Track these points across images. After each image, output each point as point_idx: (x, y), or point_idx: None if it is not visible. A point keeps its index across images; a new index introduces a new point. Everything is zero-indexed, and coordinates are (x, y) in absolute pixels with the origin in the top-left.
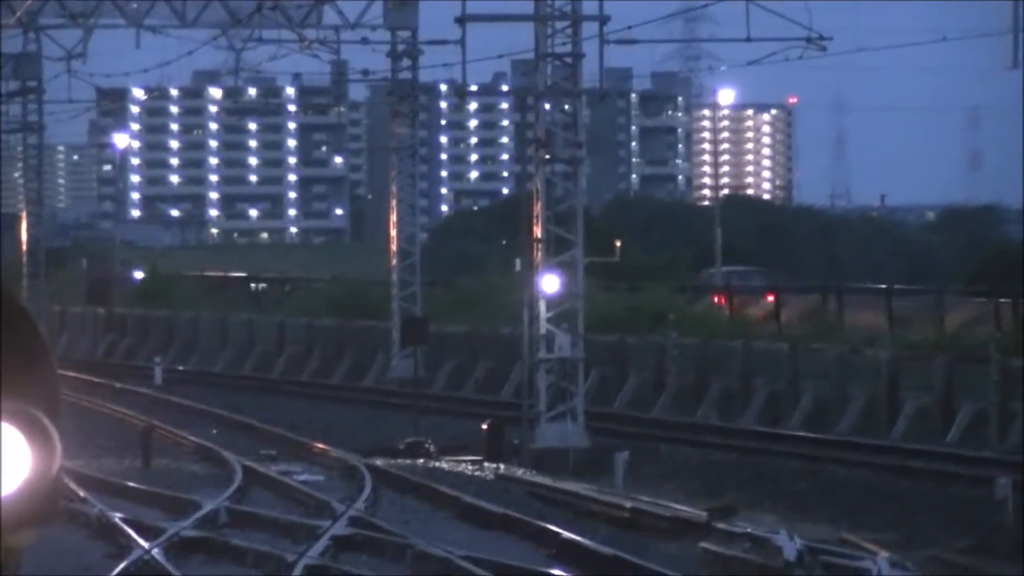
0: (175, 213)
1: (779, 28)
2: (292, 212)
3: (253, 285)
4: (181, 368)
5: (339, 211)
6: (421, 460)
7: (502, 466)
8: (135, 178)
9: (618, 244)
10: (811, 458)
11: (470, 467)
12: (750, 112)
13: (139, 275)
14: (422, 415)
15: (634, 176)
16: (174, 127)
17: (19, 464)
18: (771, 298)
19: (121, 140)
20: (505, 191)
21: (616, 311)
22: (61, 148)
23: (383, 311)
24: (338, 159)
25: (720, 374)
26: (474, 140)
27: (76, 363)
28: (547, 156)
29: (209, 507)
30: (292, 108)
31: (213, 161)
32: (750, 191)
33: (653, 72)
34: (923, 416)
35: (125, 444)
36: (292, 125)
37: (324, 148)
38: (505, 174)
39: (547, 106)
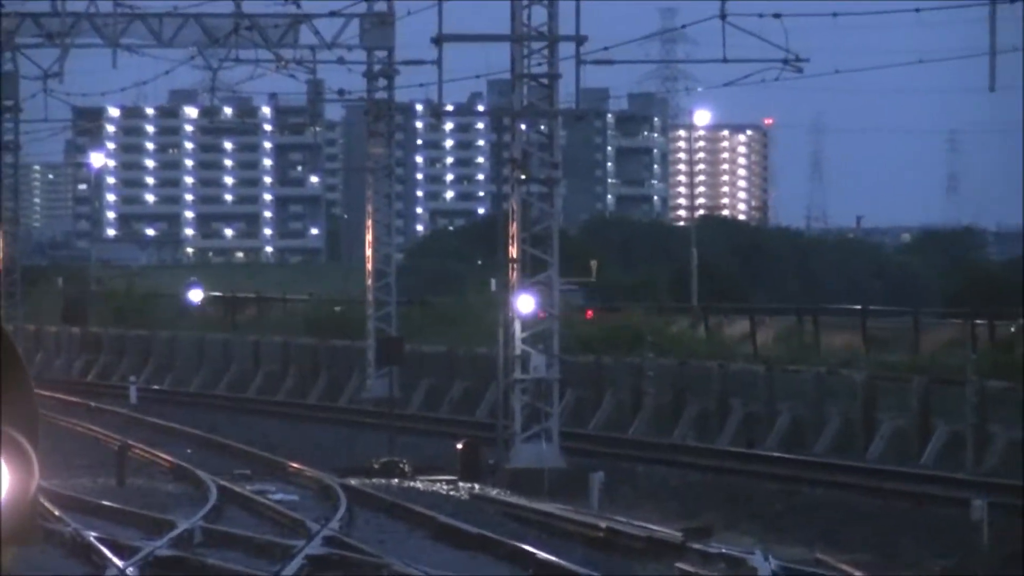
0: (151, 232)
1: (756, 49)
2: (268, 232)
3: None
4: (156, 387)
5: (315, 231)
6: (396, 480)
7: (477, 486)
8: (111, 197)
9: (594, 265)
10: (787, 479)
11: (445, 487)
12: (726, 133)
13: (197, 295)
14: (397, 435)
15: (610, 196)
16: (150, 146)
17: None
18: (589, 314)
19: (97, 159)
20: (481, 211)
21: (592, 332)
22: (37, 167)
23: (359, 331)
24: (314, 179)
25: (697, 395)
26: (450, 160)
27: (52, 383)
28: (523, 176)
29: (184, 526)
30: (268, 128)
31: (189, 180)
32: (726, 212)
33: (630, 93)
34: (899, 437)
35: (100, 463)
36: (268, 145)
37: (300, 168)
38: (481, 194)
39: (523, 126)
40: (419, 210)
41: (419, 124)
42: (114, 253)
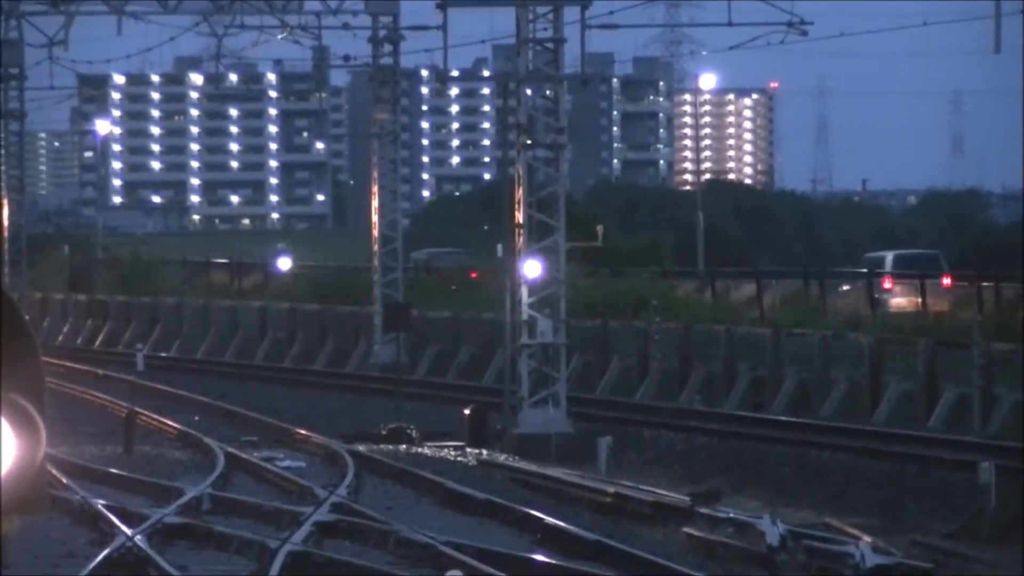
0: (157, 200)
1: (761, 13)
2: (274, 198)
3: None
4: (163, 355)
5: (321, 197)
6: (404, 446)
7: (485, 452)
8: (117, 165)
9: (600, 229)
10: (794, 443)
11: (453, 453)
12: (731, 97)
13: (285, 263)
14: (404, 401)
15: (616, 161)
16: (155, 114)
17: (6, 452)
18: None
19: (103, 127)
20: (487, 177)
21: (599, 296)
22: (43, 135)
23: (365, 297)
24: (319, 145)
25: (703, 359)
26: (456, 126)
27: (58, 350)
28: (528, 142)
29: (192, 494)
30: (273, 94)
31: (194, 147)
32: (731, 176)
33: (635, 57)
34: (906, 400)
35: (107, 431)
36: (273, 111)
37: (305, 134)
38: (487, 160)
39: (528, 91)
40: (425, 176)
41: (424, 90)
42: (120, 221)
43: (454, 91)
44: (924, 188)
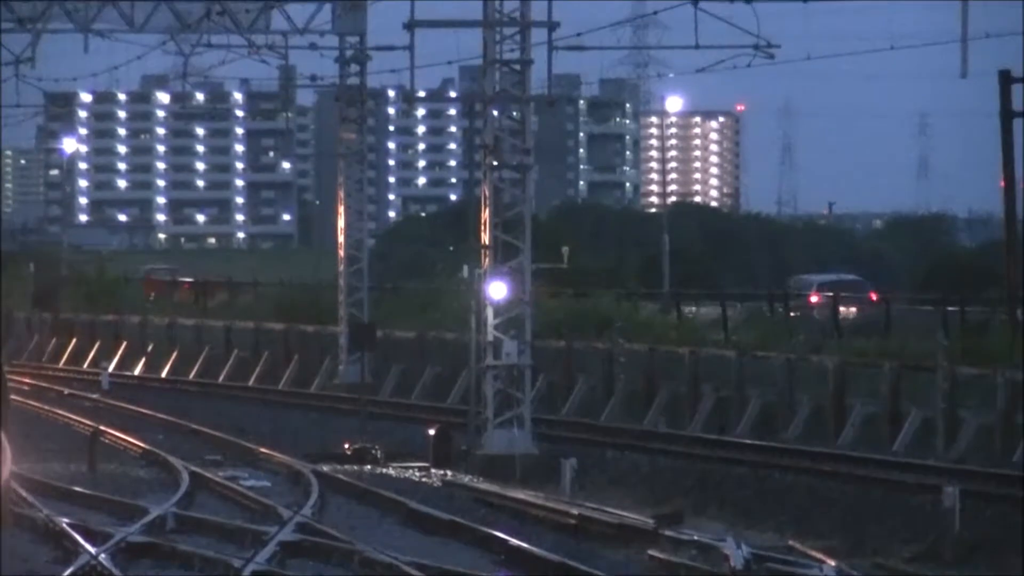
0: (123, 218)
1: (728, 35)
2: (240, 217)
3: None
4: (128, 373)
5: (287, 216)
6: (368, 466)
7: (449, 472)
8: (83, 182)
9: (566, 250)
10: (758, 465)
11: (417, 473)
12: (698, 119)
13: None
14: (369, 420)
15: (582, 183)
16: (122, 132)
17: None
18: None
19: (69, 144)
20: (453, 197)
21: (564, 317)
22: (9, 152)
23: (331, 316)
24: (286, 164)
25: (668, 380)
26: (422, 146)
27: (22, 368)
28: (495, 162)
29: (156, 512)
30: (240, 113)
31: (161, 166)
32: (697, 198)
33: (602, 78)
34: (870, 424)
35: (71, 449)
36: (240, 130)
37: (272, 153)
38: (453, 180)
39: (495, 112)
40: (391, 196)
41: (391, 110)
42: (86, 238)
43: (421, 111)
44: (890, 211)
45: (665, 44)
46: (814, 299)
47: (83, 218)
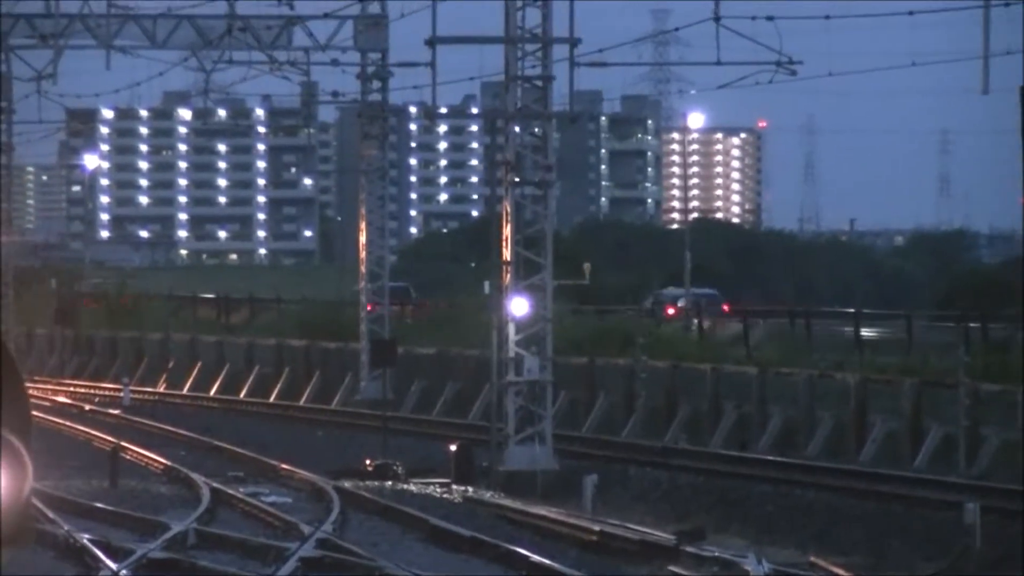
0: (144, 234)
1: (750, 52)
2: (261, 233)
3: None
4: (149, 389)
5: (308, 232)
6: (389, 482)
7: (470, 488)
8: (104, 199)
9: (587, 267)
10: (779, 481)
11: (438, 489)
12: (720, 136)
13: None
14: (390, 437)
15: (603, 199)
16: (143, 148)
17: None
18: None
19: (91, 161)
20: (474, 213)
21: (585, 334)
22: (31, 169)
23: (352, 332)
24: (307, 180)
25: (689, 397)
26: (444, 162)
27: (44, 384)
28: (516, 179)
29: (177, 528)
30: (262, 129)
31: (182, 182)
32: (719, 215)
33: (623, 95)
34: (892, 440)
35: (93, 465)
36: (261, 146)
37: (293, 169)
38: (475, 196)
39: (517, 129)
40: (413, 212)
41: (413, 126)
42: (108, 255)
43: (442, 128)
44: (911, 228)
45: (687, 60)
46: (671, 311)
47: (104, 234)
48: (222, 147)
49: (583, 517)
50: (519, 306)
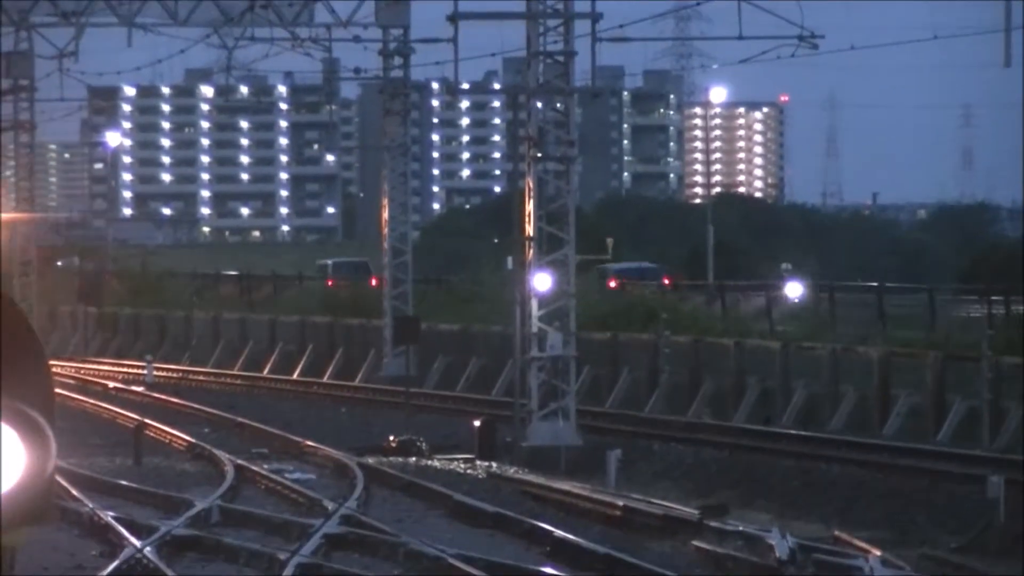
0: (167, 211)
1: (771, 26)
2: (284, 210)
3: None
4: (173, 367)
5: (331, 209)
6: (413, 458)
7: (494, 464)
8: (127, 176)
9: (610, 242)
10: (803, 456)
11: (462, 465)
12: (742, 110)
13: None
14: (414, 413)
15: (626, 174)
16: (166, 125)
17: (15, 463)
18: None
19: (113, 138)
20: (497, 189)
21: (608, 309)
22: (53, 146)
23: (375, 309)
24: (330, 157)
25: (712, 372)
26: (466, 138)
27: (68, 362)
28: (539, 154)
29: (201, 506)
30: (284, 106)
31: (205, 159)
32: (741, 189)
33: (645, 70)
34: (915, 414)
35: (116, 442)
36: (284, 123)
37: (316, 146)
38: (497, 172)
39: (539, 104)
40: (435, 188)
41: (435, 102)
42: (130, 232)
43: (464, 104)
44: (934, 202)
45: (709, 35)
46: (612, 284)
47: (127, 212)
48: (244, 124)
49: (607, 492)
50: (542, 281)
